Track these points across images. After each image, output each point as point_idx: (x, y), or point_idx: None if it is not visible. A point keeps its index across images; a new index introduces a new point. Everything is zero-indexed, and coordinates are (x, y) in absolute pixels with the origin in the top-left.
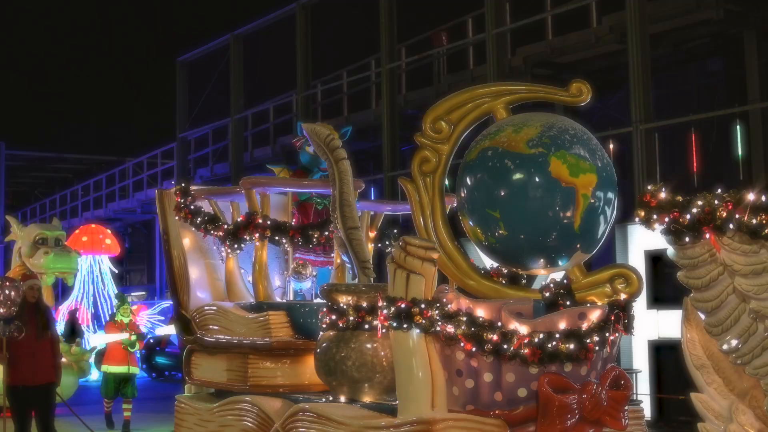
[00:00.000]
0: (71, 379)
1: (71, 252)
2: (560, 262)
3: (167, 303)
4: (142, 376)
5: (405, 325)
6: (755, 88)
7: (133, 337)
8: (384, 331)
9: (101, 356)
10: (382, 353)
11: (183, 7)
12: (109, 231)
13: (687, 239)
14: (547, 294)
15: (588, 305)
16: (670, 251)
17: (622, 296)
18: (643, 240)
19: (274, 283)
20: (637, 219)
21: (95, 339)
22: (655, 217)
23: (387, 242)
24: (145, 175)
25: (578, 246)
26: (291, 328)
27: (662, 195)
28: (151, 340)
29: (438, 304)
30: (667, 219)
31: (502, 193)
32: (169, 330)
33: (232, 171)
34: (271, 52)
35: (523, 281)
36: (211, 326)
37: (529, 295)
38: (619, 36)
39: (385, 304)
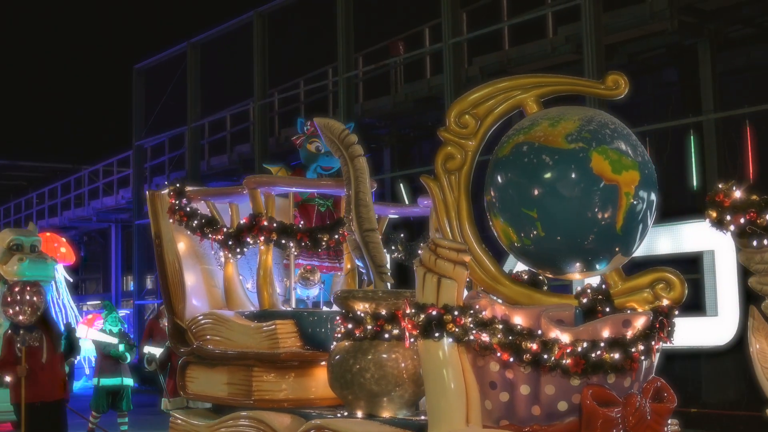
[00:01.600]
0: None
1: (47, 259)
2: (599, 266)
3: (124, 312)
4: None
5: (437, 334)
6: (709, 99)
7: (121, 347)
8: (412, 340)
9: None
10: (403, 365)
11: (140, 14)
12: (64, 239)
13: (765, 242)
14: (585, 300)
15: (629, 311)
16: (741, 255)
17: (665, 302)
18: None
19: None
20: (707, 220)
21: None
22: (728, 218)
23: (392, 247)
24: (101, 183)
25: (618, 248)
26: (299, 337)
27: (736, 194)
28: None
29: (472, 311)
30: (742, 220)
31: (540, 191)
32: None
33: (189, 179)
34: (228, 60)
35: (545, 287)
36: (209, 336)
37: (564, 301)
38: (574, 46)
39: (413, 311)
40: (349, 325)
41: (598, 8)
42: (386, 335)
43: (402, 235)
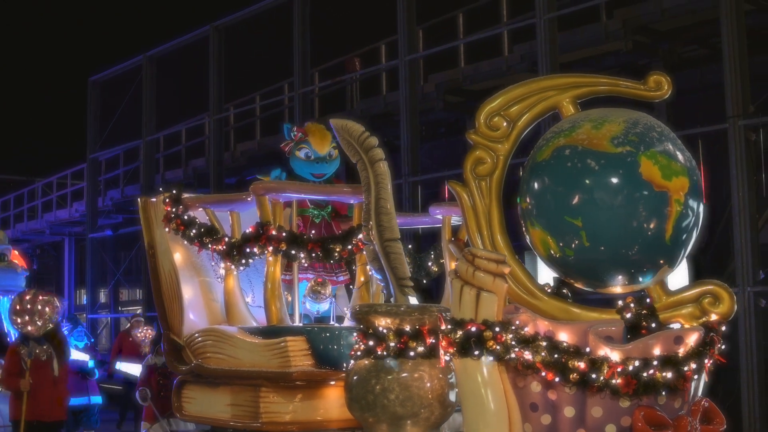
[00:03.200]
0: None
1: (18, 268)
2: (643, 279)
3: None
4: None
5: (476, 352)
6: (663, 119)
7: (90, 363)
8: (447, 359)
9: None
10: (428, 384)
11: (95, 26)
12: (16, 252)
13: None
14: (628, 315)
15: (673, 327)
16: None
17: (713, 317)
18: None
19: None
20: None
21: None
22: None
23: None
24: (55, 196)
25: (664, 260)
26: (312, 355)
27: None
28: None
29: (513, 327)
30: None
31: (585, 198)
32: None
33: (143, 193)
34: (183, 73)
35: (569, 300)
36: (210, 354)
37: (605, 317)
38: (530, 65)
39: (450, 327)
40: (370, 342)
41: (553, 27)
42: (411, 353)
43: (410, 246)
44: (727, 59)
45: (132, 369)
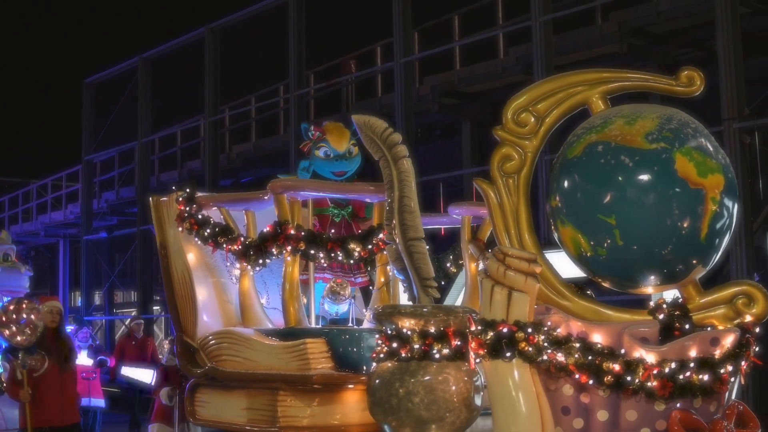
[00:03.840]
0: None
1: (21, 268)
2: (675, 279)
3: (69, 327)
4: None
5: (508, 354)
6: None
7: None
8: (478, 361)
9: None
10: (454, 387)
11: (91, 28)
12: None
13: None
14: (661, 316)
15: (709, 329)
16: None
17: (747, 318)
18: None
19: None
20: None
21: None
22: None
23: None
24: (49, 198)
25: (698, 260)
26: (332, 358)
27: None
28: None
29: (545, 328)
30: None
31: (619, 196)
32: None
33: (138, 195)
34: (179, 75)
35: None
36: (225, 357)
37: (638, 318)
38: (525, 67)
39: (480, 328)
40: (394, 344)
41: (548, 30)
42: (436, 355)
43: (427, 248)
44: (722, 62)
45: (137, 374)
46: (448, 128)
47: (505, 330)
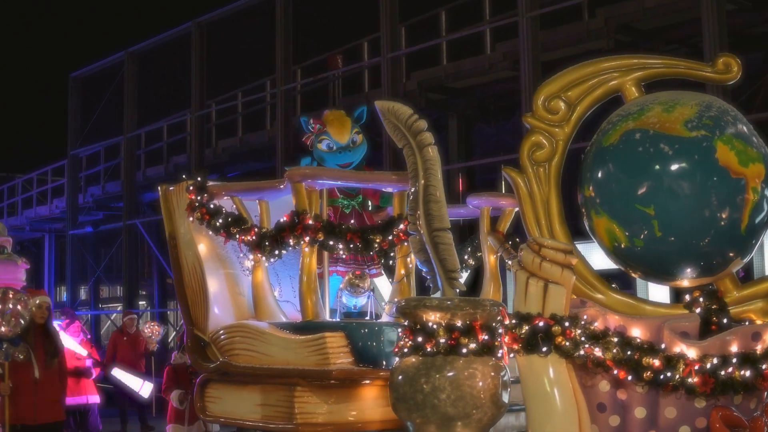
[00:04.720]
0: None
1: (18, 261)
2: (713, 271)
3: (57, 323)
4: None
5: (544, 348)
6: None
7: (88, 361)
8: (512, 356)
9: None
10: (481, 384)
11: (77, 22)
12: None
13: None
14: (698, 310)
15: (747, 323)
16: None
17: None
18: None
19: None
20: None
21: None
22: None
23: None
24: (35, 192)
25: (736, 252)
26: (351, 352)
27: None
28: None
29: (582, 322)
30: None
31: (658, 185)
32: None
33: (124, 189)
34: (165, 70)
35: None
36: (239, 351)
37: (674, 312)
38: (512, 63)
39: (515, 322)
40: (419, 339)
41: (535, 26)
42: (463, 350)
43: None
44: (708, 58)
45: (127, 379)
46: (434, 123)
47: (541, 324)
